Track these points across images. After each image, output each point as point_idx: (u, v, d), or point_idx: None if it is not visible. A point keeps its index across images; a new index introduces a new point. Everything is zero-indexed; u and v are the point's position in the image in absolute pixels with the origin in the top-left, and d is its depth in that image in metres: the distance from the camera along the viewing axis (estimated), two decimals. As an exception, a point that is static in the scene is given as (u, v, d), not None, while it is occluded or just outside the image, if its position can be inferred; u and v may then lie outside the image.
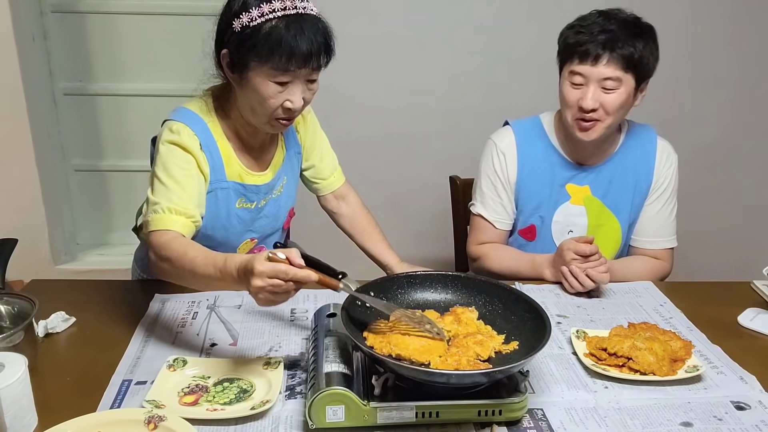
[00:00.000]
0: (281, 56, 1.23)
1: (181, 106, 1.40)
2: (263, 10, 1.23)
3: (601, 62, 1.49)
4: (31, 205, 2.58)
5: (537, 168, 1.68)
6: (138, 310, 1.41)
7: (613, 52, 1.49)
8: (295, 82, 1.28)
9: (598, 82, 1.51)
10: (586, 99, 1.51)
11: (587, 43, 1.49)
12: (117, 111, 2.73)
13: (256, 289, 1.03)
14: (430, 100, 2.65)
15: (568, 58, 1.54)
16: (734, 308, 1.47)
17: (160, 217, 1.28)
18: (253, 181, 1.47)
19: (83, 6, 2.59)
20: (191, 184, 1.33)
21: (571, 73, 1.53)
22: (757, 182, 2.84)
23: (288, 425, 1.06)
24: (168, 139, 1.33)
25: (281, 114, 1.32)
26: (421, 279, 1.28)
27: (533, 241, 1.73)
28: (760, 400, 1.14)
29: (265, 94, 1.28)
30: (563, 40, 1.57)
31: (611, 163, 1.67)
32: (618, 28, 1.50)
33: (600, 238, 1.64)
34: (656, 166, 1.67)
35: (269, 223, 1.57)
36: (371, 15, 2.53)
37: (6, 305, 1.25)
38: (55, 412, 1.05)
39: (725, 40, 2.64)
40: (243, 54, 1.26)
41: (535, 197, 1.69)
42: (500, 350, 1.13)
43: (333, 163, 1.68)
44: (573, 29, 1.55)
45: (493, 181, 1.70)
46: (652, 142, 1.69)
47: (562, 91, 1.57)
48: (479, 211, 1.73)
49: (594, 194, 1.68)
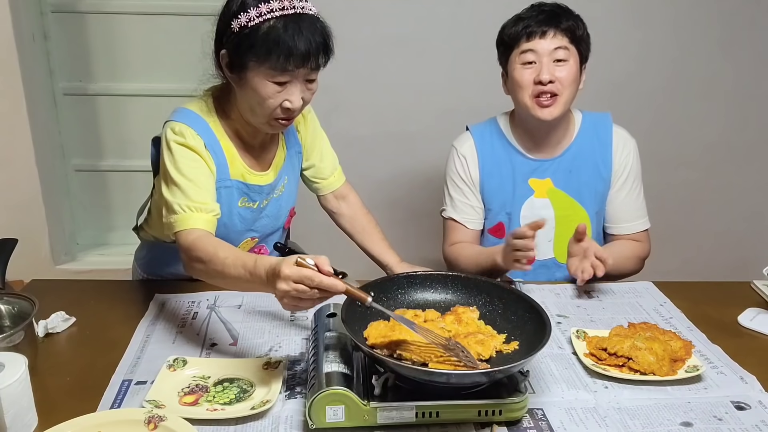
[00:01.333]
0: (279, 56, 1.23)
1: (182, 107, 1.40)
2: (261, 10, 1.23)
3: (548, 36, 1.58)
4: (31, 205, 2.58)
5: (498, 166, 1.73)
6: (138, 310, 1.41)
7: (558, 27, 1.58)
8: (294, 82, 1.28)
9: (549, 55, 1.58)
10: (543, 73, 1.57)
11: (531, 24, 1.59)
12: (117, 111, 2.73)
13: (281, 292, 1.03)
14: (429, 100, 2.65)
15: (514, 43, 1.62)
16: (734, 308, 1.47)
17: (182, 218, 1.28)
18: (256, 181, 1.47)
19: (83, 6, 2.59)
20: (204, 179, 1.33)
21: (522, 54, 1.60)
22: (757, 182, 2.84)
23: (288, 425, 1.06)
24: (173, 140, 1.34)
25: (280, 114, 1.32)
26: (421, 279, 1.28)
27: (503, 238, 1.75)
28: (760, 400, 1.14)
29: (264, 94, 1.28)
30: (503, 32, 1.66)
31: (568, 154, 1.71)
32: (554, 9, 1.61)
33: (569, 228, 1.67)
34: (614, 153, 1.71)
35: (270, 222, 1.57)
36: (371, 15, 2.53)
37: (6, 305, 1.25)
38: (55, 412, 1.05)
39: (724, 41, 2.64)
40: (241, 54, 1.26)
41: (499, 195, 1.73)
42: (500, 350, 1.13)
43: (333, 162, 1.68)
44: (511, 22, 1.64)
45: (458, 183, 1.75)
46: (608, 129, 1.72)
47: (514, 76, 1.62)
48: (450, 215, 1.77)
49: (556, 186, 1.71)
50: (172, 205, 1.30)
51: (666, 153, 2.66)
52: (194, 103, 1.41)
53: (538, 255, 1.71)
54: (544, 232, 1.71)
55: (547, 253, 1.73)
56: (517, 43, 1.60)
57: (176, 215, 1.29)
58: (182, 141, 1.33)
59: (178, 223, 1.28)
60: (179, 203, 1.29)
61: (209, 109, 1.41)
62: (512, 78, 1.63)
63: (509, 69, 1.64)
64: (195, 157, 1.34)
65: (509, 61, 1.64)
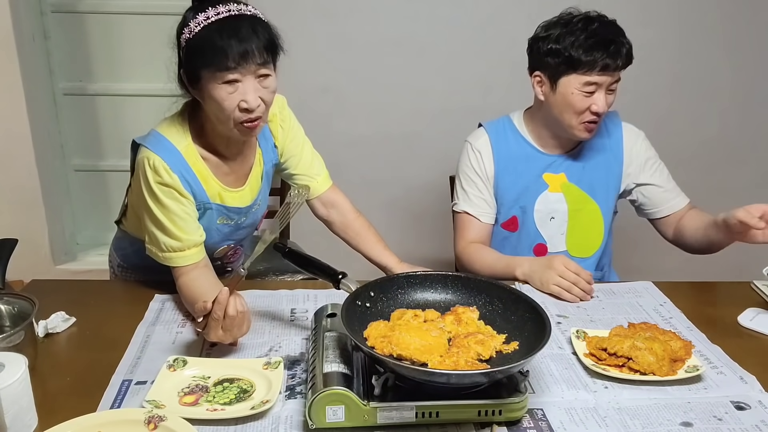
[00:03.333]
0: (219, 55, 1.26)
1: (155, 130, 1.42)
2: (199, 20, 1.28)
3: (615, 72, 1.59)
4: (31, 205, 2.59)
5: (512, 161, 1.75)
6: (138, 310, 1.41)
7: (620, 59, 1.57)
8: (245, 81, 1.30)
9: (606, 86, 1.60)
10: (599, 104, 1.59)
11: (609, 63, 1.56)
12: (117, 111, 2.73)
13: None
14: (429, 100, 2.65)
15: (580, 67, 1.57)
16: (734, 308, 1.47)
17: (169, 257, 1.39)
18: (234, 202, 1.49)
19: (83, 6, 2.59)
20: (187, 211, 1.39)
21: (586, 84, 1.58)
22: (757, 182, 2.84)
23: (288, 425, 1.06)
24: (152, 179, 1.36)
25: (241, 117, 1.32)
26: (421, 279, 1.28)
27: (516, 232, 1.78)
28: (760, 400, 1.14)
29: (219, 98, 1.30)
30: (564, 51, 1.57)
31: (582, 150, 1.75)
32: (628, 48, 1.59)
33: (581, 222, 1.74)
34: (628, 149, 1.75)
35: (247, 231, 1.63)
36: (371, 15, 2.53)
37: (6, 305, 1.25)
38: (55, 412, 1.05)
39: (723, 40, 2.64)
40: (193, 66, 1.30)
41: (513, 189, 1.75)
42: (500, 350, 1.13)
43: (317, 168, 1.65)
44: (572, 39, 1.56)
45: (472, 177, 1.77)
46: (618, 127, 1.77)
47: (571, 100, 1.60)
48: (463, 208, 1.78)
49: (570, 180, 1.74)
50: (159, 243, 1.39)
51: (665, 152, 2.65)
52: (168, 125, 1.42)
53: (550, 248, 1.76)
54: (557, 225, 1.75)
55: (559, 246, 1.76)
56: (586, 71, 1.57)
57: (164, 253, 1.39)
58: (160, 180, 1.36)
59: (167, 261, 1.39)
60: (165, 243, 1.38)
61: (183, 129, 1.42)
62: (566, 98, 1.60)
63: (561, 85, 1.61)
64: (174, 194, 1.37)
65: (564, 79, 1.60)
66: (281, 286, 1.57)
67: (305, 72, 2.55)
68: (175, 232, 1.37)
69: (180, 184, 1.37)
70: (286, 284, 1.58)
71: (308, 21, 2.52)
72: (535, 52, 1.66)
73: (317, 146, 1.67)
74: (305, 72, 2.55)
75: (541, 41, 1.63)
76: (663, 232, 1.79)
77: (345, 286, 1.24)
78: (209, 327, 1.19)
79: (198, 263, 1.40)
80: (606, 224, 1.77)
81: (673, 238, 1.76)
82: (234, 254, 1.65)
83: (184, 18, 1.32)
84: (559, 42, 1.59)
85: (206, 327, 1.19)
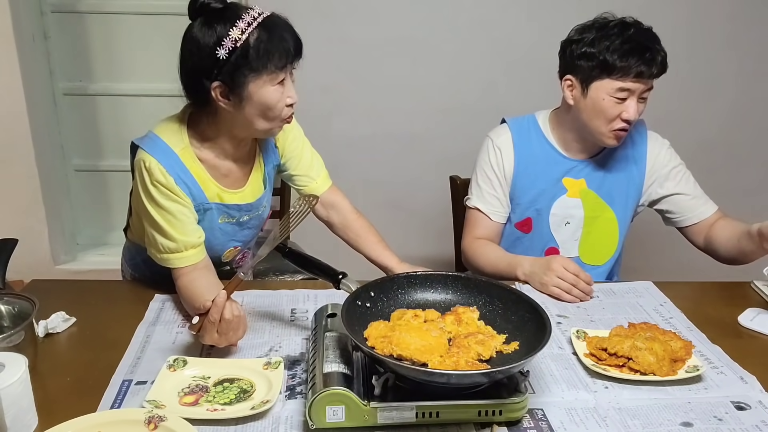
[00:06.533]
0: (275, 58, 1.29)
1: (152, 132, 1.41)
2: (241, 26, 1.28)
3: (650, 80, 1.56)
4: (31, 205, 2.59)
5: (533, 162, 1.72)
6: (138, 310, 1.41)
7: (655, 66, 1.53)
8: (287, 78, 1.35)
9: (639, 93, 1.56)
10: (630, 111, 1.55)
11: (644, 70, 1.52)
12: (117, 111, 2.73)
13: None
14: (429, 100, 2.65)
15: (615, 72, 1.53)
16: (734, 308, 1.47)
17: (168, 258, 1.39)
18: (234, 200, 1.49)
19: (83, 6, 2.59)
20: (183, 215, 1.38)
21: (620, 90, 1.55)
22: (757, 182, 2.84)
23: (288, 425, 1.06)
24: (147, 180, 1.36)
25: (287, 113, 1.37)
26: (422, 279, 1.28)
27: (529, 233, 1.77)
28: (760, 400, 1.15)
29: (271, 99, 1.32)
30: (599, 55, 1.54)
31: (605, 156, 1.72)
32: (648, 39, 1.55)
33: (596, 229, 1.71)
34: (649, 159, 1.72)
35: (252, 232, 1.62)
36: (371, 16, 2.53)
37: (6, 305, 1.25)
38: (55, 412, 1.05)
39: (725, 40, 2.64)
40: (239, 75, 1.29)
41: (531, 190, 1.73)
42: (500, 350, 1.13)
43: (316, 168, 1.65)
44: (607, 44, 1.53)
45: (489, 174, 1.74)
46: (643, 135, 1.73)
47: (603, 106, 1.56)
48: (475, 204, 1.76)
49: (589, 187, 1.72)
50: (156, 244, 1.39)
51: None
52: (166, 126, 1.41)
53: (562, 252, 1.74)
54: (572, 231, 1.73)
55: (571, 251, 1.75)
56: (620, 77, 1.53)
57: (161, 255, 1.39)
58: (155, 181, 1.35)
59: (168, 263, 1.39)
60: (162, 244, 1.38)
61: (180, 131, 1.40)
62: (597, 104, 1.57)
63: (593, 89, 1.57)
64: (170, 196, 1.37)
65: (596, 84, 1.57)
66: (281, 286, 1.57)
67: (305, 72, 2.54)
68: (172, 233, 1.37)
69: (176, 186, 1.36)
70: (286, 284, 1.58)
71: (308, 21, 2.50)
72: (568, 55, 1.61)
73: (317, 146, 1.67)
74: (305, 72, 2.54)
75: (574, 44, 1.59)
76: (693, 240, 1.75)
77: (345, 286, 1.24)
78: (204, 329, 1.18)
79: (197, 264, 1.39)
80: (621, 234, 1.75)
81: (704, 247, 1.73)
82: (243, 258, 1.64)
83: (216, 35, 1.27)
84: (593, 46, 1.55)
85: (201, 329, 1.19)
